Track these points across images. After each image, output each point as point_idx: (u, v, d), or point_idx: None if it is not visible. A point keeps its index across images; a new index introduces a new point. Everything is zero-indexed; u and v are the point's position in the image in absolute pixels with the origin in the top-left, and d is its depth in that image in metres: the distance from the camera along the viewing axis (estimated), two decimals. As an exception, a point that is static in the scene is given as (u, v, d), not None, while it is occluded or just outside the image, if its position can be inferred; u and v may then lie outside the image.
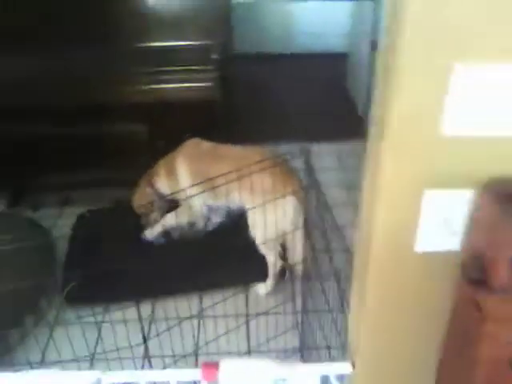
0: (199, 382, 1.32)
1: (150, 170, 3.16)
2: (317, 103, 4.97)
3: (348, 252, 1.84)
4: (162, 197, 3.09)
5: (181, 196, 2.92)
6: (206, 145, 3.01)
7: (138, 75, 3.25)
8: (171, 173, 2.99)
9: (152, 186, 3.11)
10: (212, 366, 1.28)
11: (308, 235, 2.16)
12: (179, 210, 3.03)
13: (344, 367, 1.31)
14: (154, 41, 3.32)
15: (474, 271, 1.01)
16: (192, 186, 2.65)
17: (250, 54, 5.39)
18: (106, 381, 1.30)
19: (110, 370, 1.30)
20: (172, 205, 3.11)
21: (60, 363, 2.18)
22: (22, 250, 2.76)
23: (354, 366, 1.31)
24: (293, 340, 2.47)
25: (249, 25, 5.48)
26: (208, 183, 2.34)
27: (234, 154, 2.80)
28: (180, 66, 3.24)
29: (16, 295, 2.59)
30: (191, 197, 2.77)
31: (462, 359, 1.12)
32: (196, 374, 1.29)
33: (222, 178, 2.14)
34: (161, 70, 3.24)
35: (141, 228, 3.13)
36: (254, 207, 2.39)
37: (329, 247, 1.91)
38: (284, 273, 2.79)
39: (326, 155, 4.12)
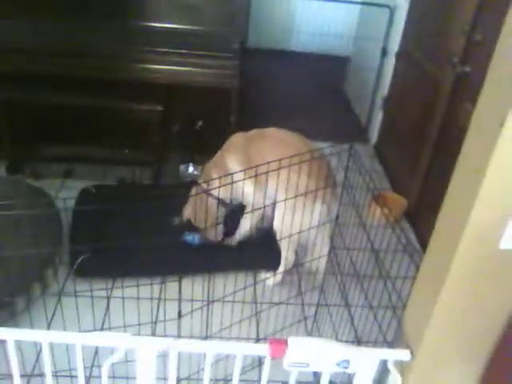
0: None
1: (199, 180, 2.99)
2: (316, 104, 5.05)
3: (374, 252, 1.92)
4: (222, 202, 2.90)
5: (245, 199, 2.76)
6: (251, 133, 2.90)
7: (159, 55, 3.24)
8: (221, 171, 2.78)
9: (209, 194, 2.81)
10: (281, 343, 1.33)
11: (337, 234, 2.21)
12: (248, 214, 2.87)
13: (403, 354, 1.39)
14: (178, 23, 3.31)
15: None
16: (241, 173, 2.38)
17: (255, 48, 5.44)
18: (176, 349, 1.33)
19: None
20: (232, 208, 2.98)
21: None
22: (29, 217, 2.70)
23: (412, 353, 1.39)
24: (302, 332, 2.52)
25: (257, 19, 5.53)
26: (252, 168, 2.24)
27: (280, 137, 2.78)
28: (202, 51, 3.25)
29: (23, 262, 2.56)
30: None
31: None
32: (263, 349, 1.34)
33: (264, 163, 2.07)
34: (182, 53, 3.24)
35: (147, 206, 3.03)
36: (284, 201, 2.32)
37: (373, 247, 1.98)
38: (295, 265, 2.85)
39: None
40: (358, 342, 2.14)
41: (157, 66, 3.26)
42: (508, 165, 1.08)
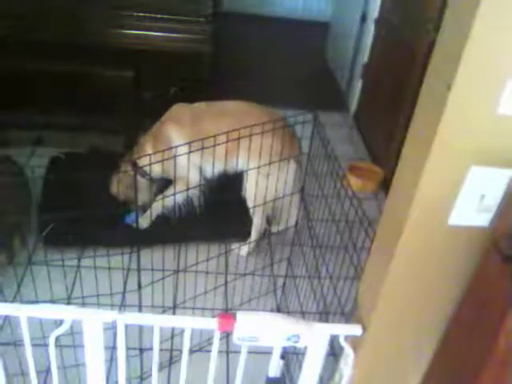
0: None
1: (130, 152, 2.81)
2: (295, 70, 4.97)
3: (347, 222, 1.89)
4: (148, 177, 2.79)
5: (179, 172, 2.46)
6: (197, 106, 2.77)
7: (131, 19, 3.16)
8: (161, 144, 2.59)
9: (136, 166, 2.63)
10: (229, 317, 1.31)
11: (304, 202, 2.18)
12: (175, 187, 2.63)
13: (355, 329, 1.37)
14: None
15: (507, 248, 1.06)
16: (188, 152, 2.14)
17: (235, 13, 5.32)
18: (122, 322, 1.30)
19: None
20: (162, 183, 2.88)
21: (36, 303, 2.14)
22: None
23: (364, 328, 1.37)
24: (271, 303, 2.52)
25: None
26: (206, 144, 2.03)
27: (235, 110, 2.69)
28: (174, 15, 3.16)
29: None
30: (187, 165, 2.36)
31: (475, 331, 1.19)
32: (212, 323, 1.31)
33: (223, 138, 1.97)
34: (154, 17, 3.16)
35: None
36: (255, 168, 2.31)
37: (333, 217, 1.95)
38: (265, 232, 2.82)
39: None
40: (321, 314, 2.13)
41: (127, 31, 3.18)
42: (455, 134, 1.04)
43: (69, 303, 2.40)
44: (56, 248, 2.61)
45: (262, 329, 1.31)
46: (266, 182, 2.32)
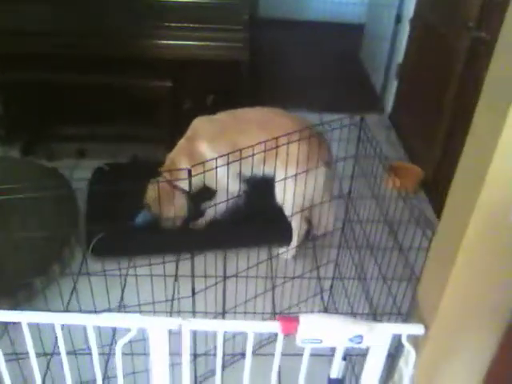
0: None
1: (161, 175, 2.79)
2: (330, 74, 4.98)
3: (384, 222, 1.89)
4: (185, 192, 2.77)
5: (218, 184, 2.60)
6: (219, 117, 2.78)
7: (167, 30, 3.20)
8: (194, 161, 2.41)
9: (176, 187, 2.75)
10: (292, 320, 1.32)
11: (349, 205, 2.17)
12: (218, 197, 2.78)
13: (417, 328, 1.37)
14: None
15: None
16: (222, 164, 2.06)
17: (267, 18, 5.36)
18: (186, 328, 1.33)
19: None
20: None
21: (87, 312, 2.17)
22: (45, 199, 2.71)
23: (426, 328, 1.37)
24: (319, 305, 2.52)
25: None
26: (238, 154, 2.00)
27: (260, 118, 2.68)
28: (210, 24, 3.19)
29: (41, 244, 2.59)
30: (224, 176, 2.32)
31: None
32: (275, 326, 1.33)
33: (256, 147, 1.97)
34: (190, 27, 3.19)
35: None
36: (286, 177, 2.31)
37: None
38: (308, 234, 2.83)
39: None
40: (374, 314, 2.13)
41: (164, 42, 3.22)
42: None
43: (120, 311, 2.45)
44: (102, 259, 2.66)
45: (326, 331, 1.33)
46: (295, 189, 2.34)
